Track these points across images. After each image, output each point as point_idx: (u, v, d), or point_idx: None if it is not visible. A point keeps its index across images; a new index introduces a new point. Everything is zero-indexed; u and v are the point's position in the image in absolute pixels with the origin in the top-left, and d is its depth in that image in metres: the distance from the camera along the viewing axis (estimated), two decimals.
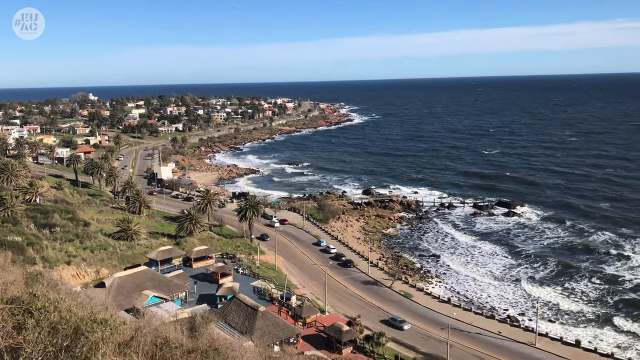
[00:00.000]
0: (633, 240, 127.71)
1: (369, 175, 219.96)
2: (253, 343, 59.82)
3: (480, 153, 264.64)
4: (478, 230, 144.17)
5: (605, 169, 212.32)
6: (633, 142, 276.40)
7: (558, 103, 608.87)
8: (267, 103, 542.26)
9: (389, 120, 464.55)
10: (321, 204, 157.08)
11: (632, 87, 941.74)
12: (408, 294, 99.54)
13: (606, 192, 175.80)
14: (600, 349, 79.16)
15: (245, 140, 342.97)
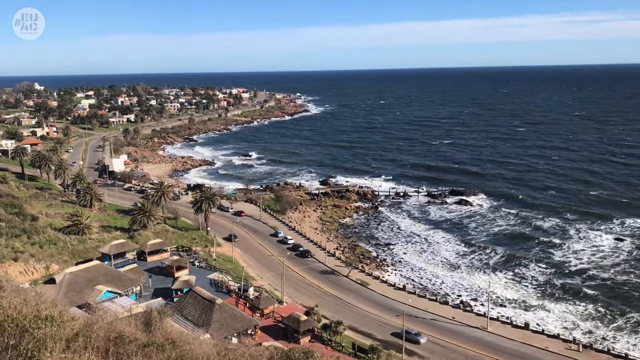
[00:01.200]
0: (577, 226, 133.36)
1: (326, 166, 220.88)
2: (210, 336, 59.42)
3: (432, 143, 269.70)
4: (432, 219, 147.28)
5: (551, 158, 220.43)
6: (575, 133, 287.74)
7: (507, 94, 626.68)
8: (222, 93, 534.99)
9: (345, 111, 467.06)
10: (278, 195, 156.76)
11: (576, 78, 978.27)
12: (365, 282, 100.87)
13: (551, 180, 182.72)
14: (547, 330, 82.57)
15: (200, 131, 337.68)
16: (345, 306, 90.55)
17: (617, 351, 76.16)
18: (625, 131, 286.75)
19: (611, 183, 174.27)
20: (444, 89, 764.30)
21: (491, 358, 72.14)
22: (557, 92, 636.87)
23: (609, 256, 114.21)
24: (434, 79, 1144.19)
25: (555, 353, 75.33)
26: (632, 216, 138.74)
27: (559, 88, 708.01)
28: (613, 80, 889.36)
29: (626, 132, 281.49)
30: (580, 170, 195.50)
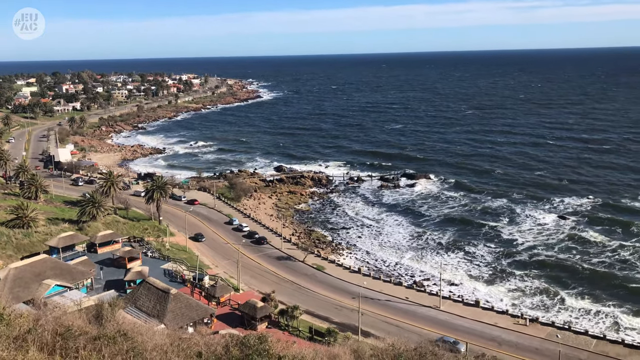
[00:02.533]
0: (523, 206, 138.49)
1: (280, 152, 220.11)
2: (165, 326, 58.75)
3: (384, 128, 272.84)
4: (385, 202, 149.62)
5: (497, 141, 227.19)
6: (518, 116, 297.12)
7: (454, 79, 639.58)
8: (172, 79, 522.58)
9: (297, 97, 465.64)
10: (232, 183, 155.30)
11: (519, 63, 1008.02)
12: (321, 266, 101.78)
13: (498, 162, 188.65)
14: (496, 307, 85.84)
15: (150, 118, 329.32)
16: (301, 291, 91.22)
17: (560, 323, 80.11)
18: (563, 114, 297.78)
19: (553, 164, 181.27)
20: (395, 74, 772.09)
21: (444, 335, 74.30)
22: (502, 76, 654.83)
23: (552, 234, 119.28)
24: (385, 65, 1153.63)
25: (504, 328, 78.49)
26: (573, 195, 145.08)
27: (504, 72, 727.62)
28: (554, 64, 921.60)
29: (565, 115, 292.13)
30: (524, 152, 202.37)
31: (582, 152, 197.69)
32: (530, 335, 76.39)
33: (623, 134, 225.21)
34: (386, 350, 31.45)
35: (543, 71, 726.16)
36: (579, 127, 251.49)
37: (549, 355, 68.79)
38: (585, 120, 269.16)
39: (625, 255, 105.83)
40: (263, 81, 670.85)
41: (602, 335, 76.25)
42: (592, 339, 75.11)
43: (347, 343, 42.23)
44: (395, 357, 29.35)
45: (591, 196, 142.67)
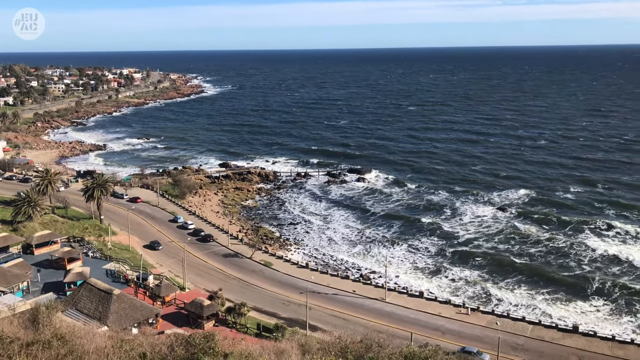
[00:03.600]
0: (463, 199, 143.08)
1: (226, 148, 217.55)
2: (108, 328, 57.13)
3: (329, 124, 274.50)
4: (332, 197, 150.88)
5: (439, 136, 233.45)
6: (458, 112, 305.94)
7: (398, 75, 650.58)
8: (112, 74, 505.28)
9: (243, 92, 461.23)
10: (176, 179, 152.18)
11: (461, 60, 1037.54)
12: (268, 262, 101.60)
13: (439, 157, 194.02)
14: (440, 297, 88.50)
15: (89, 114, 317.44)
16: (249, 288, 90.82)
17: (499, 311, 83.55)
18: (500, 110, 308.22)
19: (490, 159, 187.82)
20: (340, 70, 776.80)
21: (389, 327, 75.94)
22: (442, 73, 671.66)
23: (491, 226, 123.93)
24: (330, 61, 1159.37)
25: (447, 317, 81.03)
26: (509, 189, 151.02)
27: (444, 69, 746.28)
28: (492, 61, 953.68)
29: (501, 111, 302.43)
30: (463, 147, 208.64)
31: (518, 147, 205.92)
32: (472, 323, 79.21)
33: (555, 130, 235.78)
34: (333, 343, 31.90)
35: (482, 68, 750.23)
36: (514, 123, 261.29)
37: (490, 342, 71.52)
38: (521, 117, 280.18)
39: (559, 245, 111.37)
40: (207, 76, 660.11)
41: (537, 321, 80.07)
42: (529, 325, 78.78)
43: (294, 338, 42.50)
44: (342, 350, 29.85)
45: (526, 189, 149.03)
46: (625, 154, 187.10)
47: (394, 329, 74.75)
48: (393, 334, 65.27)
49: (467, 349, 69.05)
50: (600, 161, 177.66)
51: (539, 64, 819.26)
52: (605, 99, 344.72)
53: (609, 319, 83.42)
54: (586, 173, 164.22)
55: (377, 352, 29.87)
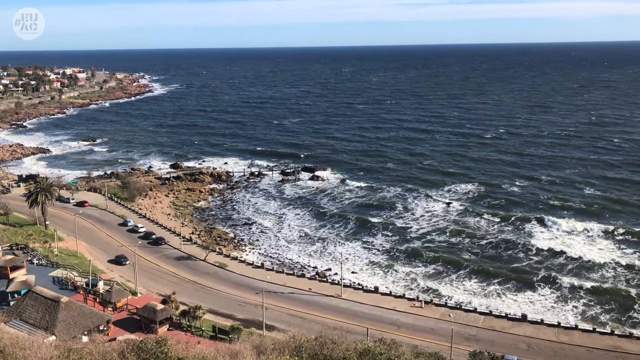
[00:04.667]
0: (415, 195, 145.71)
1: (176, 149, 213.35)
2: (56, 337, 55.05)
3: (282, 122, 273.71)
4: (287, 196, 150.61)
5: (389, 133, 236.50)
6: (407, 109, 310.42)
7: (349, 73, 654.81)
8: (55, 74, 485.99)
9: (192, 91, 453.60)
10: (125, 182, 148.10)
11: (412, 58, 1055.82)
12: (223, 264, 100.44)
13: (390, 153, 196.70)
14: (394, 292, 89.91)
15: (30, 115, 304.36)
16: (204, 290, 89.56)
17: (452, 303, 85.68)
18: (448, 107, 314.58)
19: (438, 155, 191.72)
20: (290, 69, 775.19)
21: (345, 323, 76.58)
22: (392, 71, 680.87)
23: (442, 220, 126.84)
24: (281, 59, 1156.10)
25: (402, 311, 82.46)
26: (457, 183, 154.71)
27: (393, 67, 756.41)
28: (441, 59, 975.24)
29: (449, 108, 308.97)
30: (413, 144, 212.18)
31: (465, 143, 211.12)
32: (426, 316, 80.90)
33: (500, 126, 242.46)
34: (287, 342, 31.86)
35: (429, 66, 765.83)
36: (461, 119, 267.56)
37: (443, 334, 73.20)
38: (467, 113, 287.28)
39: (507, 237, 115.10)
40: (155, 75, 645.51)
41: (489, 312, 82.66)
42: (481, 316, 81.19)
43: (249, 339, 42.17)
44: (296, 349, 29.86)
45: (474, 184, 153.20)
46: (565, 149, 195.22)
47: (350, 325, 75.51)
48: (349, 330, 65.99)
49: (507, 357, 67.10)
50: (542, 156, 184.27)
51: (484, 62, 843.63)
52: (546, 96, 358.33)
53: (555, 306, 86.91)
54: (530, 168, 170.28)
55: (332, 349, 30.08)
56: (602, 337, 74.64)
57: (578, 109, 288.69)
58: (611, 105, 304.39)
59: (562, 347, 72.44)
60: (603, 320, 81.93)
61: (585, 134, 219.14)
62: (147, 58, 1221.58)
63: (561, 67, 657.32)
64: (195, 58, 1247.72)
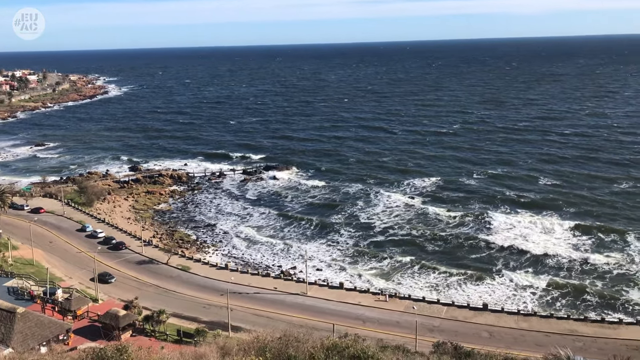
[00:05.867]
0: (376, 190, 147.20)
1: (134, 151, 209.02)
2: (13, 349, 53.36)
3: (240, 122, 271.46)
4: (250, 196, 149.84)
5: (349, 129, 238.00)
6: (365, 106, 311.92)
7: (307, 71, 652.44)
8: (3, 76, 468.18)
9: (149, 92, 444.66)
10: (82, 186, 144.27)
11: (369, 55, 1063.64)
12: (186, 266, 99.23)
13: (351, 150, 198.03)
14: (359, 287, 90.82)
15: None
16: (167, 294, 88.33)
17: (416, 296, 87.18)
18: (405, 103, 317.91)
19: (398, 150, 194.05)
20: (249, 67, 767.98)
21: (311, 320, 76.94)
22: (350, 68, 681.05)
23: (404, 214, 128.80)
24: (238, 58, 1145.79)
25: (367, 306, 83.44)
26: (417, 178, 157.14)
27: (352, 64, 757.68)
28: (397, 56, 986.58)
29: (407, 104, 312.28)
30: (374, 140, 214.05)
31: (423, 138, 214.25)
32: (391, 310, 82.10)
33: (456, 122, 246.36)
34: (252, 342, 31.85)
35: (387, 63, 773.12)
36: (418, 115, 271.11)
37: (408, 327, 74.40)
38: (423, 109, 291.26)
39: (467, 229, 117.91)
40: (111, 76, 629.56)
41: (451, 302, 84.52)
42: (444, 307, 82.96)
43: (214, 341, 41.90)
44: (261, 349, 29.91)
45: (433, 178, 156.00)
46: (519, 143, 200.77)
47: (316, 322, 75.88)
48: (315, 327, 66.25)
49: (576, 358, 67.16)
50: (497, 150, 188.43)
51: (440, 58, 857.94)
52: (499, 90, 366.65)
53: (515, 294, 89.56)
54: (485, 162, 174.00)
55: (297, 347, 30.25)
56: (559, 322, 77.49)
57: (530, 103, 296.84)
58: (561, 98, 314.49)
59: (522, 333, 74.83)
60: (559, 307, 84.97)
61: (537, 127, 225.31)
62: (103, 59, 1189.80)
63: (513, 62, 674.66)
64: (152, 58, 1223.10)
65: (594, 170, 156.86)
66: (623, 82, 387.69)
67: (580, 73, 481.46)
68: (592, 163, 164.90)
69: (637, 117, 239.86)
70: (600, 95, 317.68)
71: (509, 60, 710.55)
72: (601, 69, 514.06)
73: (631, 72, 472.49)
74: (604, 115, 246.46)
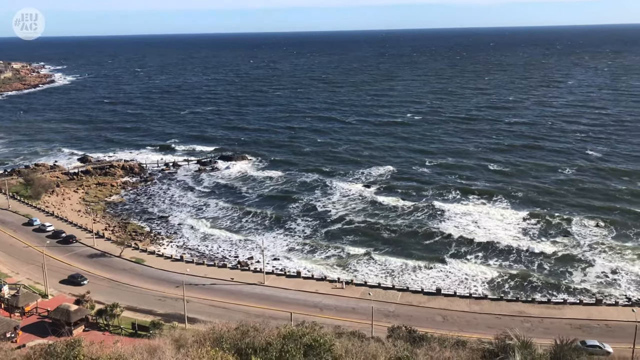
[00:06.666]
0: (332, 179, 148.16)
1: (84, 142, 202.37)
2: None
3: (195, 110, 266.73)
4: (205, 186, 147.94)
5: (304, 119, 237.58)
6: (320, 95, 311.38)
7: (260, 60, 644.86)
8: None
9: (97, 81, 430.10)
10: (29, 179, 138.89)
11: (322, 44, 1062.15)
12: (140, 259, 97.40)
13: (305, 139, 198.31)
14: (316, 275, 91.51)
15: None
16: (121, 287, 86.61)
17: (372, 283, 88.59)
18: (359, 93, 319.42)
19: (353, 140, 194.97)
20: (202, 56, 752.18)
21: (269, 309, 77.13)
22: (304, 57, 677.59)
23: (359, 202, 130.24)
24: (191, 46, 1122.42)
25: (324, 294, 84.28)
26: (372, 166, 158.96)
27: (305, 54, 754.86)
28: (351, 45, 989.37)
29: (360, 94, 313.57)
30: (328, 130, 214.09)
31: (377, 127, 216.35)
32: (347, 296, 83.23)
33: (408, 111, 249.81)
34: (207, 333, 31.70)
35: (342, 52, 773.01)
36: (373, 104, 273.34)
37: (364, 313, 75.72)
38: (378, 98, 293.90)
39: (420, 216, 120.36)
40: (57, 64, 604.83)
41: (405, 288, 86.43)
42: (399, 292, 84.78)
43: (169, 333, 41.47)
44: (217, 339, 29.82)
45: (387, 166, 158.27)
46: (469, 128, 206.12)
47: (274, 311, 76.18)
48: (273, 317, 66.59)
49: (589, 342, 67.86)
50: (448, 139, 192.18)
51: (393, 47, 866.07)
52: (450, 80, 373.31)
53: (467, 279, 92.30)
54: (437, 150, 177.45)
55: (254, 337, 30.33)
56: (509, 304, 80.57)
57: (480, 93, 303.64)
58: (509, 87, 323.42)
59: (474, 316, 77.38)
60: (508, 289, 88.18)
61: (487, 116, 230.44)
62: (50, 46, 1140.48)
63: (464, 52, 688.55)
64: (100, 46, 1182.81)
65: (540, 158, 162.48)
66: (567, 72, 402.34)
67: (527, 63, 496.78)
68: (538, 151, 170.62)
69: (580, 105, 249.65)
70: (546, 85, 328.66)
71: (460, 51, 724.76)
72: (546, 59, 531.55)
73: (574, 62, 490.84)
74: (549, 105, 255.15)
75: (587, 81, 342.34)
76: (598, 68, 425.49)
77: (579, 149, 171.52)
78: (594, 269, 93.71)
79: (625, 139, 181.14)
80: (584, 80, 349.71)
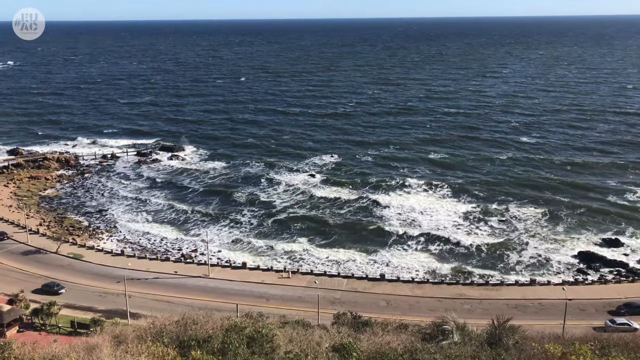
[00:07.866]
0: (277, 169, 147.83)
1: (11, 134, 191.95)
2: None
3: (133, 100, 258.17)
4: (145, 178, 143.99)
5: (248, 108, 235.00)
6: (262, 85, 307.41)
7: (202, 48, 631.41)
8: None
9: (24, 69, 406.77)
10: None
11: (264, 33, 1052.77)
12: (78, 255, 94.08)
13: (250, 128, 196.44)
14: (262, 265, 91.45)
15: None
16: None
17: (318, 271, 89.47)
18: (302, 82, 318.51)
19: (295, 130, 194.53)
20: (139, 44, 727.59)
21: (214, 302, 76.43)
22: (242, 46, 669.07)
23: (305, 191, 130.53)
24: (127, 33, 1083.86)
25: (270, 284, 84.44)
26: (316, 156, 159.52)
27: (243, 42, 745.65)
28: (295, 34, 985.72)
29: (304, 84, 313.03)
30: (272, 120, 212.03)
31: (320, 117, 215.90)
32: (294, 285, 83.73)
33: (350, 102, 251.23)
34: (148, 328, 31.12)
35: (285, 41, 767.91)
36: (315, 94, 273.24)
37: (311, 301, 76.39)
38: (321, 88, 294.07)
39: (364, 203, 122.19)
40: None
41: (351, 275, 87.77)
42: (344, 279, 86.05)
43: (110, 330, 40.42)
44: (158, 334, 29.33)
45: (331, 156, 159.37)
46: (408, 118, 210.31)
47: (219, 303, 75.59)
48: (218, 309, 66.01)
49: (618, 320, 70.58)
50: (389, 128, 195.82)
51: (336, 37, 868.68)
52: (390, 71, 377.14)
53: (409, 264, 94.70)
54: (379, 139, 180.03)
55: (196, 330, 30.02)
56: (450, 287, 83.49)
57: (419, 83, 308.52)
58: (447, 77, 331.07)
59: (416, 300, 79.68)
60: (448, 273, 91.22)
61: (426, 107, 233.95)
62: None
63: (405, 43, 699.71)
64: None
65: (477, 148, 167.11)
66: (502, 62, 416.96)
67: (465, 53, 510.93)
68: (475, 142, 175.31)
69: (514, 95, 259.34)
70: (482, 75, 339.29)
71: (400, 41, 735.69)
72: (483, 49, 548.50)
73: (510, 52, 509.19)
74: (485, 95, 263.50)
75: (521, 71, 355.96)
76: (530, 58, 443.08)
77: (513, 138, 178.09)
78: (528, 252, 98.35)
79: (556, 130, 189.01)
80: (518, 70, 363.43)
